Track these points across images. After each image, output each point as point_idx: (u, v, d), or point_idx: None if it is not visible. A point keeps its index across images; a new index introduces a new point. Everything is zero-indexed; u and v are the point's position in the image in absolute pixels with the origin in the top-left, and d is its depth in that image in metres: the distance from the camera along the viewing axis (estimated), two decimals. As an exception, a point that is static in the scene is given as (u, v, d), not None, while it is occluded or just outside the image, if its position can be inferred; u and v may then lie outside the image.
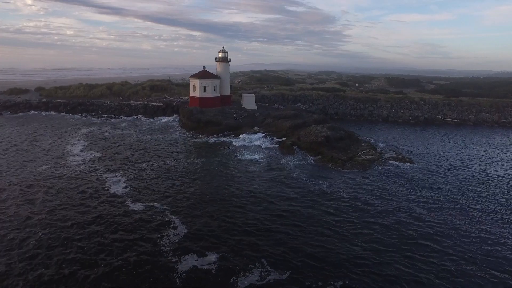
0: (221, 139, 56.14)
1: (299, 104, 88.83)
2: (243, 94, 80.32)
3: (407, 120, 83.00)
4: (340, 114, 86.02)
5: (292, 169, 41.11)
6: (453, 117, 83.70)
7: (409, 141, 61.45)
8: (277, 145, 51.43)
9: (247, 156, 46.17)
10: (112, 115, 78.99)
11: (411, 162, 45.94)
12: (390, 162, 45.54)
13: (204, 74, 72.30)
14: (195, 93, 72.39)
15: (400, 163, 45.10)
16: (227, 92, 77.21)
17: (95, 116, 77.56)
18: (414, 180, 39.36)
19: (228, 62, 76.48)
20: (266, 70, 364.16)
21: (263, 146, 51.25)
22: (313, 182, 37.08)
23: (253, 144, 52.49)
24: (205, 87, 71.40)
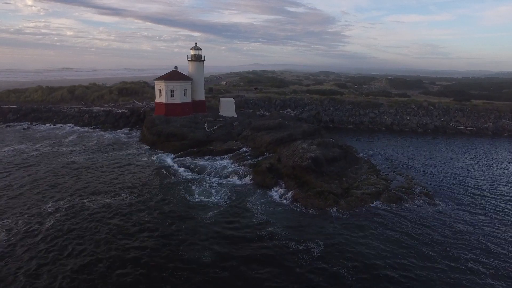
0: (177, 160, 43.36)
1: (288, 110, 76.60)
2: (220, 99, 68.12)
3: (415, 128, 70.82)
4: (336, 121, 73.76)
5: (260, 219, 28.52)
6: (467, 124, 71.47)
7: (420, 157, 49.20)
8: (249, 170, 39.04)
9: (200, 196, 32.24)
10: (69, 124, 66.86)
11: (429, 197, 33.63)
12: (401, 197, 33.20)
13: (171, 76, 60.06)
14: (160, 98, 60.15)
15: (414, 200, 32.81)
16: (201, 96, 64.99)
17: (44, 126, 65.36)
18: (444, 239, 26.47)
19: (203, 61, 64.27)
20: (262, 71, 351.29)
21: (228, 172, 38.86)
22: (288, 248, 24.47)
23: (217, 169, 40.07)
24: (172, 91, 59.13)
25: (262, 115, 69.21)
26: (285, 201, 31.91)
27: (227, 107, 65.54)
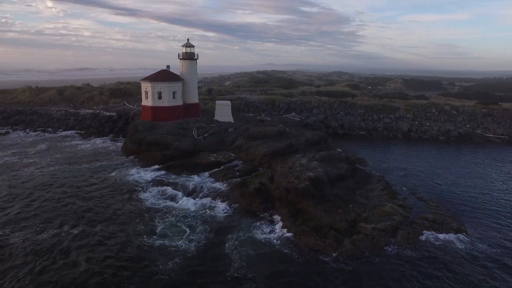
0: (150, 177, 36.42)
1: (293, 113, 69.24)
2: (216, 102, 61.30)
3: (435, 135, 62.42)
4: (346, 127, 65.96)
5: (238, 268, 21.46)
6: (498, 132, 62.64)
7: (445, 172, 41.23)
8: (234, 194, 31.98)
9: (163, 237, 24.30)
10: (49, 129, 61.23)
11: (462, 232, 25.95)
12: (425, 233, 25.69)
13: (158, 76, 53.56)
14: (147, 101, 53.74)
15: (444, 237, 25.19)
16: (193, 99, 58.28)
17: (22, 131, 59.93)
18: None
19: (196, 59, 57.59)
20: (273, 71, 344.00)
21: (209, 195, 31.93)
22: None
23: (196, 190, 33.24)
24: (159, 93, 52.62)
25: (262, 120, 62.16)
26: (273, 238, 24.73)
27: (223, 111, 58.67)
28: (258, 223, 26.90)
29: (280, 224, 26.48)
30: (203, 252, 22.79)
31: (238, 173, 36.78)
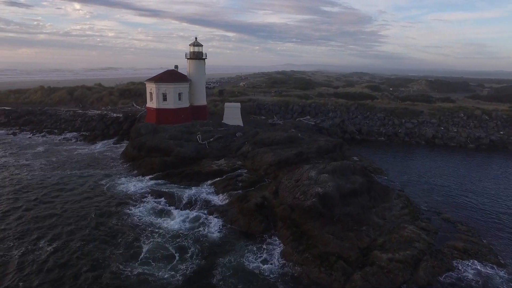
0: (144, 187, 33.40)
1: (308, 117, 65.28)
2: (225, 104, 58.20)
3: (463, 143, 56.90)
4: (364, 132, 61.36)
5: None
6: (535, 140, 56.48)
7: (476, 186, 36.43)
8: (232, 209, 28.61)
9: (145, 264, 21.42)
10: (55, 130, 59.91)
11: (502, 267, 21.56)
12: (455, 266, 21.46)
13: (163, 76, 50.97)
14: (151, 103, 51.26)
15: (478, 273, 20.89)
16: (201, 101, 55.39)
17: (28, 132, 58.98)
18: None
19: (204, 59, 54.69)
20: (292, 71, 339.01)
21: (204, 210, 28.80)
22: None
23: (192, 204, 30.13)
24: (164, 94, 50.01)
25: (273, 124, 58.53)
26: (268, 269, 21.15)
27: (232, 114, 55.52)
28: (255, 247, 23.41)
29: (280, 249, 22.90)
30: (187, 285, 19.51)
31: (240, 184, 33.37)
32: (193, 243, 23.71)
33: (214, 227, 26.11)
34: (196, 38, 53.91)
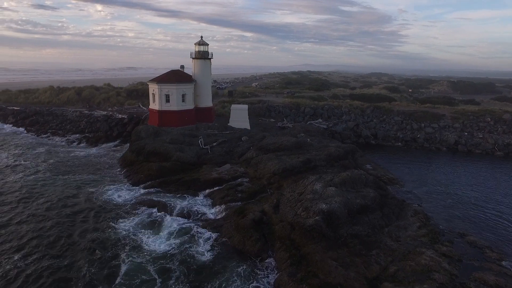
0: (137, 196, 31.10)
1: (320, 120, 61.85)
2: (232, 106, 55.50)
3: (490, 150, 52.22)
4: (380, 137, 57.42)
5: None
6: None
7: (505, 202, 32.32)
8: (227, 224, 25.81)
9: (128, 277, 19.52)
10: (60, 131, 58.79)
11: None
12: (480, 307, 17.97)
13: (166, 77, 48.78)
14: (154, 104, 49.17)
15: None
16: (207, 102, 52.94)
17: (34, 133, 58.16)
18: None
19: (210, 59, 52.20)
20: (308, 71, 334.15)
21: (197, 224, 26.13)
22: None
23: (185, 216, 27.53)
24: (167, 95, 47.82)
25: (282, 127, 55.45)
26: (260, 300, 18.29)
27: (239, 116, 52.80)
28: (247, 271, 20.55)
29: (273, 276, 19.95)
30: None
31: (240, 195, 30.59)
32: (179, 265, 21.09)
33: (204, 245, 23.42)
34: (201, 37, 51.52)
